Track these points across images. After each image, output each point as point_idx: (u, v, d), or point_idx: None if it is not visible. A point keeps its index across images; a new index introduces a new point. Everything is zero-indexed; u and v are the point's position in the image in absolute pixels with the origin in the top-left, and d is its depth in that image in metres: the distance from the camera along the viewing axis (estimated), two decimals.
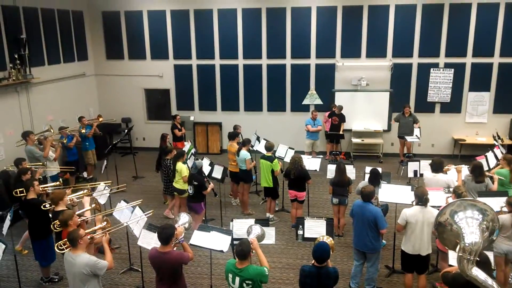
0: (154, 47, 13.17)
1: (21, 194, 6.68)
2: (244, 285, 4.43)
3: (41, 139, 9.11)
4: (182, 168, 8.07)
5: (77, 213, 5.70)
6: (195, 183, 7.65)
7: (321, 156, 9.94)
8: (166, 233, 4.70)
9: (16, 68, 9.75)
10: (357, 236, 6.16)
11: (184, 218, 5.49)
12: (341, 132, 11.94)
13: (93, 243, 4.99)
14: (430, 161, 7.50)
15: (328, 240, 4.98)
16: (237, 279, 4.45)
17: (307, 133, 11.74)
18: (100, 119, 11.50)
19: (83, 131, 10.72)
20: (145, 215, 6.25)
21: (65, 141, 9.79)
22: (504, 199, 5.97)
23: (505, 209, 5.85)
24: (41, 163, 8.68)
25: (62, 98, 11.69)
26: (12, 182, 7.47)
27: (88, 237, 4.88)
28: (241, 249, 4.44)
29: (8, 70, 9.67)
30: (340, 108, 11.91)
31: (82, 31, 12.87)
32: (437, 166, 7.14)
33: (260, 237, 5.08)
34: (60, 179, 7.92)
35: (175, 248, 4.99)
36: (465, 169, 7.41)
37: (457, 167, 7.20)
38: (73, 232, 4.71)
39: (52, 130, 9.40)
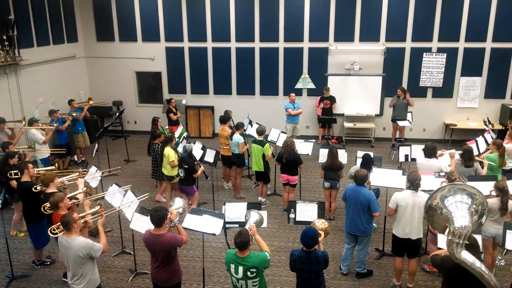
0: (145, 29, 12.97)
1: (15, 177, 6.64)
2: (249, 273, 4.40)
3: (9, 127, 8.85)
4: (170, 154, 8.01)
5: (68, 195, 5.69)
6: (186, 166, 7.66)
7: (313, 140, 9.96)
8: (158, 215, 4.73)
9: (5, 49, 9.58)
10: (349, 219, 6.19)
11: (178, 203, 5.49)
12: (333, 112, 12.01)
13: (87, 227, 4.98)
14: (423, 146, 7.50)
15: (324, 225, 5.02)
16: (241, 268, 4.41)
17: (287, 117, 11.63)
18: (91, 102, 11.39)
19: (74, 114, 10.62)
20: (138, 199, 6.24)
21: (55, 124, 9.69)
22: (493, 183, 6.04)
23: (494, 193, 5.93)
24: (29, 146, 8.58)
25: (52, 80, 11.54)
26: None
27: (82, 220, 4.87)
28: (240, 240, 4.38)
29: None
30: (328, 89, 11.91)
31: (71, 12, 12.62)
32: (430, 152, 7.15)
33: (259, 223, 5.08)
34: (56, 164, 7.84)
35: (171, 230, 5.01)
36: (456, 154, 7.46)
37: (450, 152, 7.19)
38: (66, 216, 4.70)
39: (24, 122, 9.10)
